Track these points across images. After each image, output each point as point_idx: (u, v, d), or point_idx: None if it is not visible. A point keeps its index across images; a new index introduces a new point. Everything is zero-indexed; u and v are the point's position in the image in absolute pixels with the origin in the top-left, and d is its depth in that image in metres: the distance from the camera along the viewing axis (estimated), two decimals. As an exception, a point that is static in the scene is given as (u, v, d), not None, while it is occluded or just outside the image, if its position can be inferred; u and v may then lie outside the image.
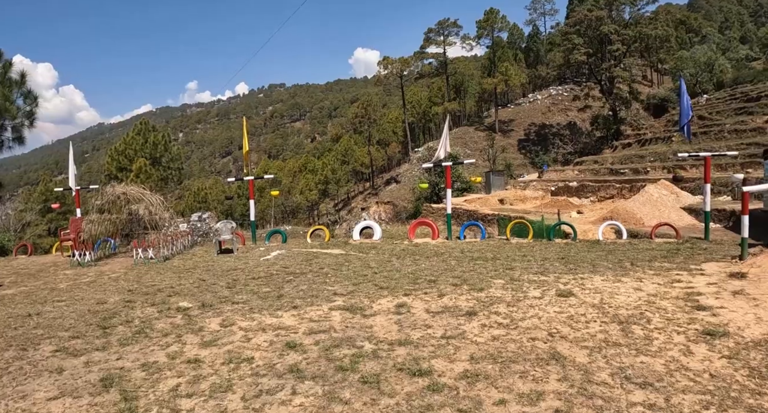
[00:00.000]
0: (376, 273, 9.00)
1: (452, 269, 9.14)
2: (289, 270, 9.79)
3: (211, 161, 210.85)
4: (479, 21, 74.76)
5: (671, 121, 45.37)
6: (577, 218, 26.24)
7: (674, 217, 21.94)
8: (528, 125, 76.52)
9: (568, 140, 72.66)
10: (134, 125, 50.10)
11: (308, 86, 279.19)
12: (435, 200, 42.45)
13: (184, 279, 9.36)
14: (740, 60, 70.43)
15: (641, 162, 37.80)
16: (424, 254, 11.34)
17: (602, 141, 67.10)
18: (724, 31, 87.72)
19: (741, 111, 37.18)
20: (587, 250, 10.95)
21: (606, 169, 38.95)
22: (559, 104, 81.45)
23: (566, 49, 63.86)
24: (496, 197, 36.89)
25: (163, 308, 7.07)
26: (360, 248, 12.82)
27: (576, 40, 62.76)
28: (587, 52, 62.69)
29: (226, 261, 11.63)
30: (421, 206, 43.35)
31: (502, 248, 11.59)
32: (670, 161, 35.74)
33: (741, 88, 44.82)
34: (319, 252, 12.37)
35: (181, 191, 71.63)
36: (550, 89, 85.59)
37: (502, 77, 70.97)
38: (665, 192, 24.46)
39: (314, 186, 67.37)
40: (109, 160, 47.82)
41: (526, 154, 69.93)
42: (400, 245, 13.11)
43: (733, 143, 32.84)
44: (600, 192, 34.11)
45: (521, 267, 9.00)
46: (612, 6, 65.12)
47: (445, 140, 14.60)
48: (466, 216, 31.94)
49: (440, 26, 78.77)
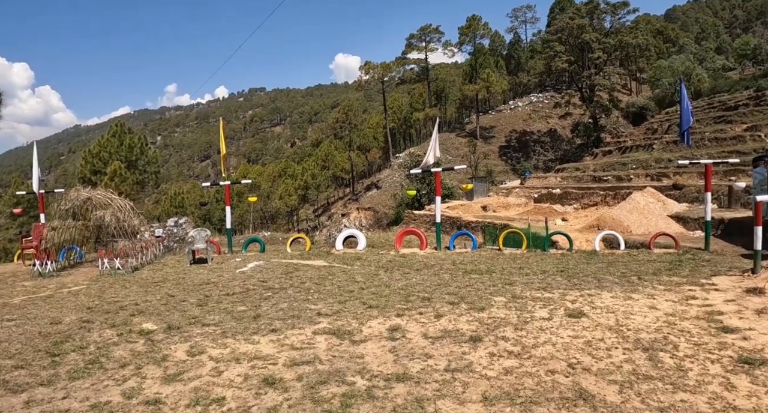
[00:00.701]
0: (363, 289, 8.24)
1: (446, 284, 8.43)
2: (267, 285, 8.96)
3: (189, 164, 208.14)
4: (461, 27, 74.73)
5: (650, 129, 45.68)
6: (562, 225, 25.80)
7: (662, 225, 21.61)
8: (509, 132, 76.60)
9: (549, 147, 72.90)
10: (109, 127, 48.65)
11: (289, 91, 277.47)
12: (417, 206, 41.88)
13: (151, 294, 8.48)
14: (717, 70, 71.65)
15: (623, 169, 37.82)
16: (413, 266, 10.61)
17: (583, 148, 67.44)
18: (700, 41, 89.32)
19: (720, 120, 37.58)
20: (586, 262, 10.35)
21: (588, 176, 38.85)
22: (539, 111, 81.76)
23: (548, 57, 64.09)
24: (479, 204, 36.42)
25: (123, 330, 6.21)
26: (344, 259, 12.02)
27: (558, 47, 63.02)
28: (569, 59, 62.99)
29: (198, 273, 10.75)
30: (403, 213, 42.70)
31: (496, 260, 10.92)
32: (652, 168, 35.85)
33: (718, 97, 45.40)
34: (299, 264, 11.54)
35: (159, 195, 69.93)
36: (531, 97, 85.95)
37: (484, 84, 70.93)
38: (651, 200, 24.18)
39: (294, 191, 66.22)
40: (83, 162, 46.27)
41: (507, 160, 69.90)
42: (387, 256, 12.31)
43: (714, 151, 33.06)
44: (583, 199, 33.85)
45: (521, 282, 8.33)
46: (593, 15, 65.64)
47: (434, 144, 13.86)
48: (449, 223, 31.31)
49: (422, 32, 78.55)
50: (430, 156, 13.67)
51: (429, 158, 13.71)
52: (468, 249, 13.20)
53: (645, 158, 38.30)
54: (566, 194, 35.33)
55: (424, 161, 14.09)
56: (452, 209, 34.78)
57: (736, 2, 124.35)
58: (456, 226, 29.73)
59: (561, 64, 62.92)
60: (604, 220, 22.92)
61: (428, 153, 13.76)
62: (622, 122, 72.19)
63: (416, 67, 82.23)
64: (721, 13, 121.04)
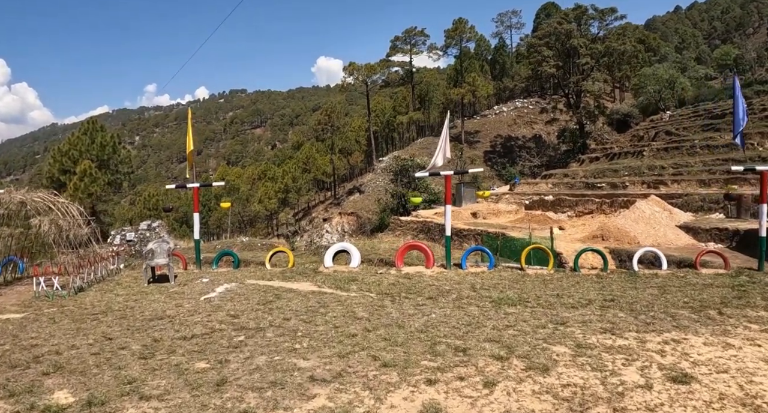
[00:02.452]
0: (369, 331, 6.19)
1: (479, 323, 6.45)
2: (239, 322, 6.85)
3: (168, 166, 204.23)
4: (448, 30, 73.36)
5: (636, 136, 44.75)
6: (559, 234, 24.04)
7: (671, 235, 20.11)
8: (494, 137, 75.43)
9: (535, 153, 71.88)
10: (80, 124, 45.92)
11: (270, 93, 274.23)
12: (401, 212, 40.05)
13: (83, 336, 6.34)
14: (700, 79, 71.82)
15: (615, 176, 36.60)
16: (424, 291, 8.61)
17: (568, 154, 66.54)
18: (680, 51, 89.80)
19: (708, 127, 36.97)
20: (632, 286, 8.51)
21: (581, 182, 37.50)
22: (524, 116, 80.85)
23: (536, 62, 63.01)
24: (468, 211, 34.66)
25: (23, 406, 4.14)
26: (336, 281, 9.94)
27: (545, 52, 61.98)
28: (556, 64, 61.97)
29: (153, 300, 8.61)
30: (388, 219, 40.82)
31: (524, 284, 8.99)
32: (645, 175, 34.71)
33: (703, 105, 44.86)
34: (282, 288, 9.41)
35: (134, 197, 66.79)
36: (516, 102, 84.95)
37: (470, 88, 69.49)
38: (657, 209, 22.68)
39: (274, 195, 63.77)
40: (52, 161, 43.42)
41: (493, 166, 68.61)
42: (388, 277, 10.24)
43: (708, 159, 32.34)
44: (578, 207, 32.41)
45: (575, 320, 6.43)
46: (581, 20, 64.83)
47: (445, 144, 11.82)
48: (437, 231, 29.51)
49: (407, 35, 77.02)
50: (439, 157, 11.69)
51: (437, 160, 11.74)
52: (483, 268, 11.27)
53: (637, 165, 37.20)
54: (559, 201, 33.87)
55: (431, 163, 12.13)
56: (440, 215, 32.97)
57: (714, 14, 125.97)
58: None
59: (549, 69, 61.88)
60: (608, 230, 21.32)
61: (437, 154, 11.79)
62: (606, 128, 71.63)
63: (400, 70, 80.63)
64: (700, 25, 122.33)
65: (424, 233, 29.78)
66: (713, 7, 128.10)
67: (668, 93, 60.37)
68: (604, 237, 21.23)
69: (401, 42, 77.47)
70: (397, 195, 41.38)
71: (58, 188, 40.92)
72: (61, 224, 10.16)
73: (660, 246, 19.43)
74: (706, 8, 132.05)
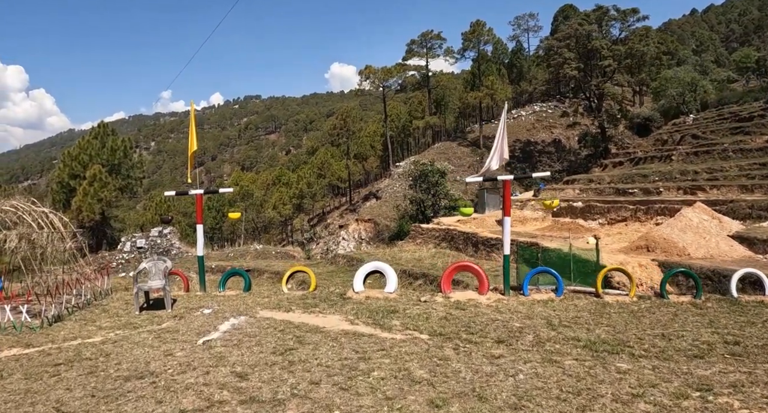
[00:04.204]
0: (438, 407, 4.35)
1: (591, 389, 4.63)
2: (247, 389, 4.87)
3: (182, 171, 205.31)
4: (465, 33, 71.94)
5: (660, 140, 43.05)
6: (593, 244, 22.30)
7: (724, 247, 18.39)
8: (513, 142, 73.63)
9: (555, 158, 70.07)
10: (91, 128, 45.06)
11: (284, 99, 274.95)
12: (421, 219, 38.52)
13: (29, 406, 4.70)
14: (722, 82, 69.85)
15: (644, 181, 34.84)
16: (489, 330, 6.87)
17: (589, 159, 64.83)
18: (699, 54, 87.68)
19: (737, 131, 35.42)
20: (744, 319, 6.90)
21: (611, 188, 35.75)
22: (543, 120, 79.14)
23: (557, 64, 61.38)
24: (493, 218, 33.04)
25: None
26: (372, 314, 8.11)
27: (566, 54, 60.33)
28: (578, 66, 60.28)
29: (136, 344, 6.85)
30: (407, 226, 39.27)
31: (611, 318, 7.35)
32: (677, 180, 33.04)
33: (728, 108, 43.07)
34: (304, 325, 7.63)
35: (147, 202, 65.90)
36: (534, 106, 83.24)
37: (488, 91, 67.96)
38: (705, 217, 20.93)
39: (288, 200, 62.60)
40: (62, 166, 42.69)
41: (513, 171, 66.86)
42: (436, 308, 8.43)
43: (744, 163, 30.73)
44: (610, 214, 30.70)
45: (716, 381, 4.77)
46: (602, 22, 63.14)
47: (502, 142, 9.89)
48: (462, 239, 27.91)
49: (423, 38, 75.79)
50: (495, 159, 9.77)
51: (492, 162, 9.80)
52: (550, 294, 9.47)
53: (667, 170, 35.45)
54: (589, 208, 32.17)
55: (486, 166, 10.18)
56: (463, 223, 31.40)
57: (732, 16, 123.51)
58: (471, 243, 26.34)
59: (570, 71, 60.27)
60: (654, 240, 19.64)
61: (492, 154, 9.88)
62: (626, 133, 69.78)
63: (417, 74, 79.31)
64: (717, 27, 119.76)
65: (446, 242, 28.22)
66: (730, 9, 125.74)
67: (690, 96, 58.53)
68: (650, 248, 19.55)
69: (417, 45, 76.32)
70: (416, 201, 39.88)
71: (69, 192, 40.07)
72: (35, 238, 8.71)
73: (714, 259, 17.67)
74: (723, 11, 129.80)
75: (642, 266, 17.38)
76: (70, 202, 38.99)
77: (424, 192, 39.47)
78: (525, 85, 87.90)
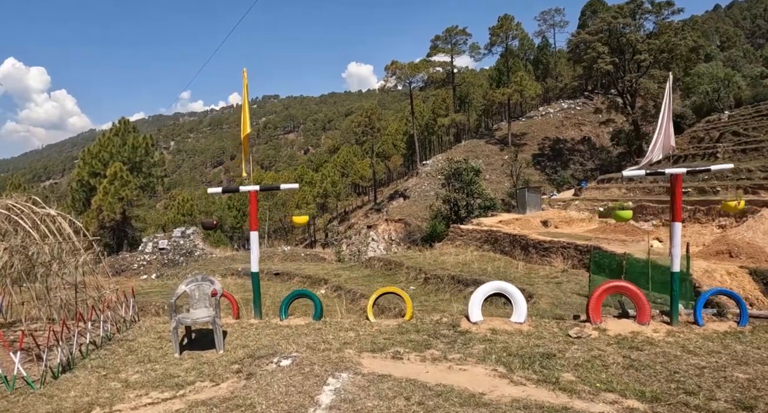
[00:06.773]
0: None
1: None
2: None
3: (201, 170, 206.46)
4: (492, 27, 69.80)
5: (696, 137, 40.85)
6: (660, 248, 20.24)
7: (818, 252, 16.34)
8: (542, 140, 71.45)
9: (588, 156, 67.62)
10: (112, 125, 43.77)
11: (302, 98, 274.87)
12: (454, 219, 36.59)
13: None
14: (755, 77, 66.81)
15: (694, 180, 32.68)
16: (712, 389, 4.80)
17: (622, 157, 62.38)
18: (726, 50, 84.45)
19: None
20: None
21: (661, 187, 33.60)
22: (572, 118, 76.66)
23: (589, 59, 58.98)
24: (537, 218, 31.04)
25: None
26: (524, 362, 5.65)
27: (600, 48, 57.93)
28: (612, 61, 57.84)
29: None
30: (440, 226, 37.42)
31: None
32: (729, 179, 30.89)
33: (764, 104, 40.72)
34: (446, 392, 4.83)
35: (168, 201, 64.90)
36: (562, 103, 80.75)
37: (517, 87, 65.70)
38: (789, 218, 18.90)
39: (312, 200, 61.16)
40: (81, 164, 41.42)
41: (543, 170, 64.67)
42: (599, 346, 6.17)
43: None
44: (664, 215, 28.67)
45: None
46: (636, 15, 60.61)
47: (667, 125, 7.28)
48: (507, 242, 25.91)
49: (448, 34, 73.78)
50: (658, 149, 7.23)
51: (654, 153, 7.28)
52: (730, 323, 7.10)
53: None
54: (641, 208, 30.15)
55: (647, 157, 7.76)
56: (506, 223, 29.40)
57: (757, 12, 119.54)
58: (519, 246, 24.31)
59: (604, 65, 57.87)
60: (736, 244, 17.65)
61: (655, 143, 7.26)
62: (660, 130, 67.05)
63: (441, 70, 77.33)
64: (741, 23, 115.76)
65: (489, 244, 26.29)
66: (755, 4, 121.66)
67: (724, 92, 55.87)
68: (732, 254, 17.52)
69: (442, 42, 74.36)
70: (449, 201, 37.97)
71: (89, 191, 38.85)
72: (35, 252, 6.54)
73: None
74: (748, 6, 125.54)
75: (731, 275, 15.44)
76: (90, 201, 37.76)
77: (457, 191, 37.55)
78: (551, 82, 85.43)
